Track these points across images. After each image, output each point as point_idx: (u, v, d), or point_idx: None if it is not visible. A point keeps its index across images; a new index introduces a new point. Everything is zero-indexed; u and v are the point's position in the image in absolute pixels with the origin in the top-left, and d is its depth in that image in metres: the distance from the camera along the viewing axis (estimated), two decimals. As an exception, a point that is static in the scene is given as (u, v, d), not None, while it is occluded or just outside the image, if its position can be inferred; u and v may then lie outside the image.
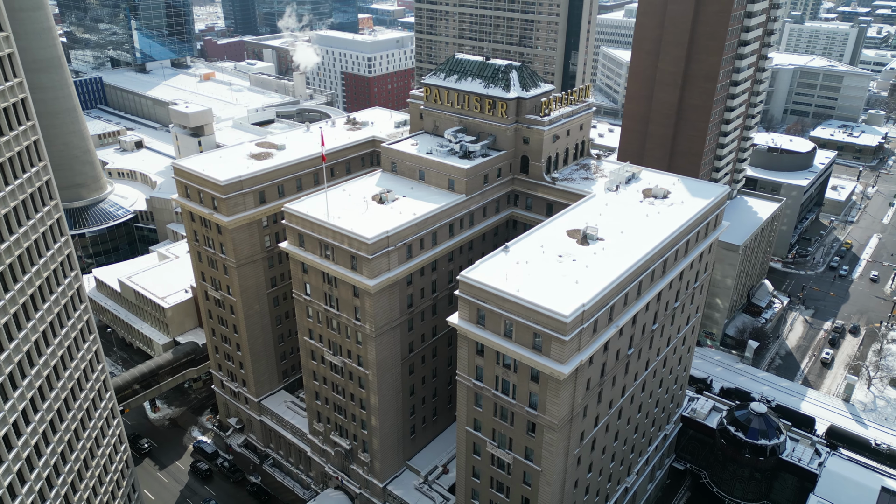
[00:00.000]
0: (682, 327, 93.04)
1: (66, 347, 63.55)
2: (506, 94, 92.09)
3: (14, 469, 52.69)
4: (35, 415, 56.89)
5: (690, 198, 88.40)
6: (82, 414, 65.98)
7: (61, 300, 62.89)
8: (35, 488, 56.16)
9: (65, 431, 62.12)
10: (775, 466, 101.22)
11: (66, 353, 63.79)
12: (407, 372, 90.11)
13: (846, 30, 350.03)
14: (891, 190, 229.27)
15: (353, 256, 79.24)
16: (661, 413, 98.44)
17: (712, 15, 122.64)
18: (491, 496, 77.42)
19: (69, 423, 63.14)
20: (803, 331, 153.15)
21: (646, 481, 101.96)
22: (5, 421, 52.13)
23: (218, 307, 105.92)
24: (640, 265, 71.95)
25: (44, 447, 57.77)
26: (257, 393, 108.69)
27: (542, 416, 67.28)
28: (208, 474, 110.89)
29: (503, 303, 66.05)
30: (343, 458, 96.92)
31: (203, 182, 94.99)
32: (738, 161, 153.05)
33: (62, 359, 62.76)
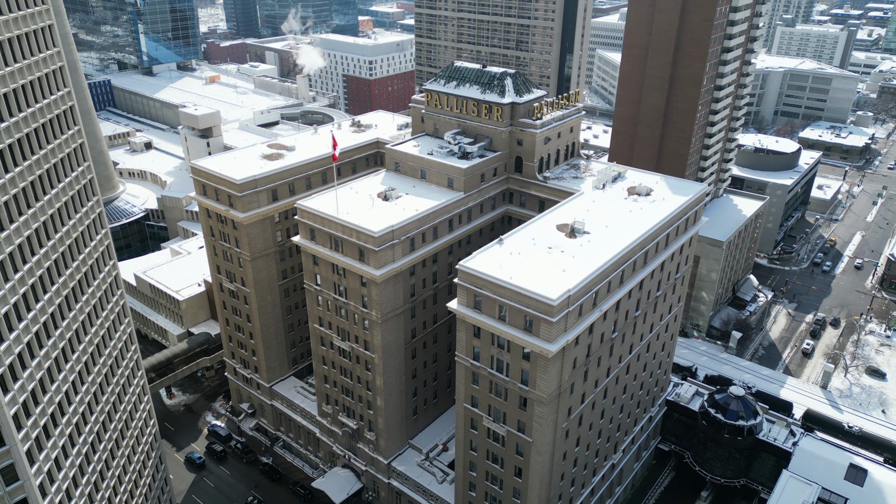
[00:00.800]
0: (664, 315, 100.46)
1: (105, 328, 70.84)
2: (501, 100, 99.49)
3: (66, 433, 59.81)
4: (82, 386, 64.03)
5: (671, 195, 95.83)
6: (119, 389, 73.15)
7: (102, 286, 70.12)
8: (82, 451, 63.28)
9: (105, 403, 69.22)
10: (752, 446, 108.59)
11: (107, 334, 71.07)
12: (410, 356, 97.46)
13: (836, 33, 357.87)
14: (875, 189, 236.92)
15: (361, 249, 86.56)
16: (646, 396, 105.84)
17: (696, 23, 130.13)
18: (487, 467, 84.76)
19: (108, 395, 70.29)
20: (786, 323, 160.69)
21: (632, 460, 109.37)
22: (59, 390, 59.20)
23: (232, 298, 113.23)
24: (622, 256, 79.33)
25: (89, 416, 64.88)
26: (269, 379, 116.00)
27: (533, 392, 74.66)
28: (223, 455, 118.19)
29: (497, 289, 73.43)
30: (350, 438, 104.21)
31: (220, 181, 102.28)
32: (723, 161, 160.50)
33: (103, 338, 70.00)
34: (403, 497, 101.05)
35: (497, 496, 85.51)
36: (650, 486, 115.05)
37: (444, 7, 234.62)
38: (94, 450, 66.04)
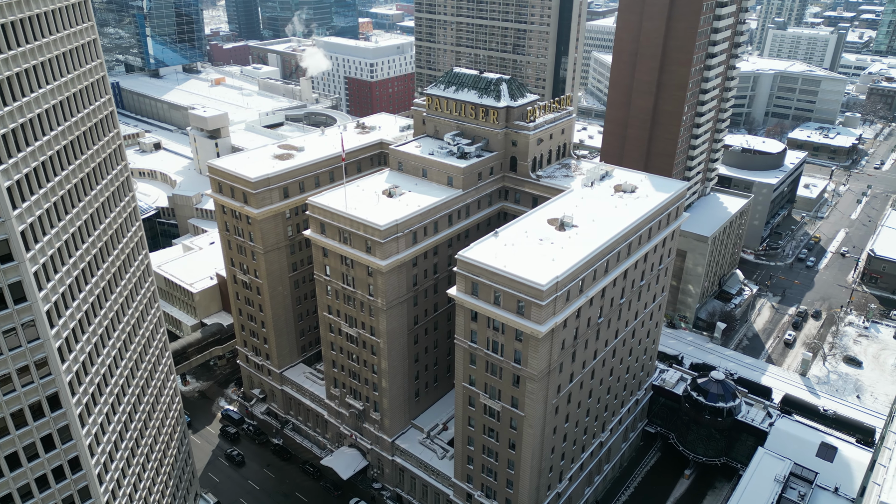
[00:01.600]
0: (648, 304, 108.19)
1: (140, 311, 78.34)
2: (497, 104, 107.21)
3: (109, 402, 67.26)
4: (120, 361, 71.50)
5: (654, 192, 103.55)
6: (150, 366, 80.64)
7: (136, 272, 77.62)
8: (122, 419, 70.74)
9: (139, 379, 76.64)
10: (732, 426, 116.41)
11: (140, 316, 78.61)
12: (412, 341, 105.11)
13: (826, 35, 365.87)
14: (861, 188, 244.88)
15: (368, 241, 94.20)
16: (633, 380, 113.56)
17: (681, 31, 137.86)
18: (484, 441, 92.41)
19: (142, 372, 77.77)
20: (770, 315, 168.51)
21: (619, 440, 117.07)
22: (103, 363, 66.56)
23: (245, 289, 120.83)
24: (606, 247, 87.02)
25: (122, 398, 72.30)
26: (279, 365, 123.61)
27: (525, 369, 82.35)
28: (236, 437, 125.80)
29: (493, 276, 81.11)
30: (356, 419, 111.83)
31: (235, 179, 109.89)
32: (710, 161, 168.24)
33: (138, 321, 77.50)
34: (406, 473, 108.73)
35: (493, 468, 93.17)
36: (637, 465, 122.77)
37: (443, 12, 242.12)
38: (130, 419, 73.51)
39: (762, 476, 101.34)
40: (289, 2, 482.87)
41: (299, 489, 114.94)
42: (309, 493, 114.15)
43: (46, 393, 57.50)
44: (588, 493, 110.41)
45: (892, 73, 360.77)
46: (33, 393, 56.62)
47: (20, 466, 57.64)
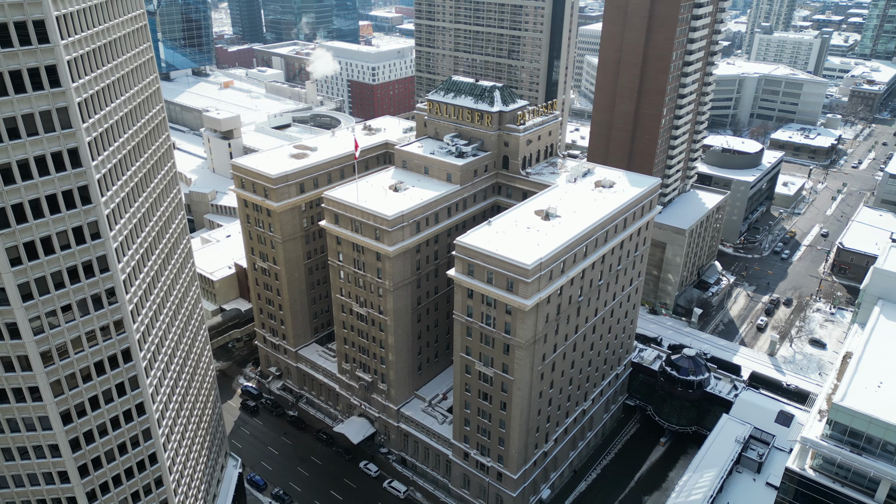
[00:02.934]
0: (626, 287, 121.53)
1: (185, 286, 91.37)
2: (490, 108, 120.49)
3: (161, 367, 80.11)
4: (169, 335, 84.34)
5: (630, 187, 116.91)
6: (190, 341, 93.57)
7: (182, 254, 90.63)
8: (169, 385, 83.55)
9: (184, 344, 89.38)
10: (702, 398, 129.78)
11: (185, 291, 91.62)
12: (416, 320, 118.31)
13: (810, 40, 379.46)
14: (837, 186, 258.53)
15: (377, 230, 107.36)
16: (612, 355, 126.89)
17: (659, 41, 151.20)
18: (479, 404, 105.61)
19: (186, 338, 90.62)
20: (745, 303, 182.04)
21: (601, 410, 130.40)
22: (159, 328, 79.32)
23: (265, 275, 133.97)
24: (584, 233, 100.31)
25: (173, 358, 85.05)
26: (295, 344, 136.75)
27: (514, 339, 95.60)
28: (255, 410, 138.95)
29: (486, 258, 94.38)
30: (365, 390, 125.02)
31: (257, 176, 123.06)
32: (689, 159, 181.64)
33: (183, 294, 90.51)
34: (410, 437, 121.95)
35: (487, 428, 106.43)
36: (618, 434, 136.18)
37: (442, 19, 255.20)
38: (178, 377, 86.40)
39: (725, 438, 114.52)
40: (291, 5, 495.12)
41: (314, 454, 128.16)
42: (323, 458, 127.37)
43: (121, 348, 70.40)
44: (572, 457, 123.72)
45: (874, 76, 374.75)
46: (112, 347, 69.54)
47: (99, 408, 70.61)
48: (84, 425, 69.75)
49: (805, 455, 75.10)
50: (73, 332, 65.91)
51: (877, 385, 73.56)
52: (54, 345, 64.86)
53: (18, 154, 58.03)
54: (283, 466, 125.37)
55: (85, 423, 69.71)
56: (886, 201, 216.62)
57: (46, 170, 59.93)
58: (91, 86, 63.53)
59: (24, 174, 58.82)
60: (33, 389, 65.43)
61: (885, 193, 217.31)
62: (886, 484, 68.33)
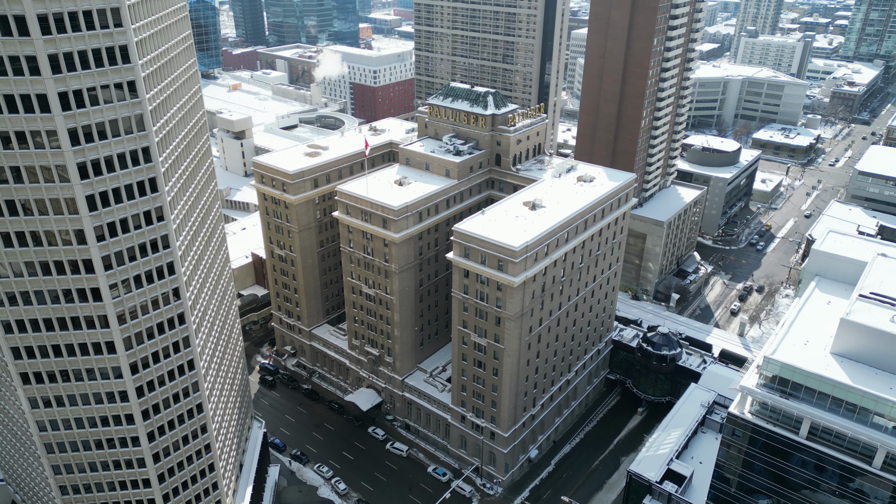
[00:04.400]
0: (605, 270, 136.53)
1: (220, 269, 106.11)
2: (484, 112, 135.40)
3: (204, 331, 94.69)
4: (209, 305, 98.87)
5: (608, 181, 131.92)
6: (224, 314, 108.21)
7: (217, 240, 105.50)
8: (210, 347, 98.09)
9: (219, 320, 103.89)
10: (674, 370, 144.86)
11: (220, 270, 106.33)
12: (418, 300, 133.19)
13: (794, 43, 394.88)
14: (813, 183, 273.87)
15: (384, 219, 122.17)
16: (594, 332, 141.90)
17: (638, 49, 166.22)
18: (474, 371, 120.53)
19: (220, 316, 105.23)
20: (721, 290, 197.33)
21: (584, 382, 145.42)
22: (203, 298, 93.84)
23: (282, 262, 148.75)
24: (565, 221, 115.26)
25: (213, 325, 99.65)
26: (309, 324, 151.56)
27: (504, 312, 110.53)
28: (273, 384, 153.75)
29: (480, 242, 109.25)
30: (373, 363, 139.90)
31: (276, 172, 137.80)
32: (668, 157, 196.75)
33: (219, 275, 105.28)
34: (413, 405, 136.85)
35: (481, 393, 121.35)
36: (599, 405, 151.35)
37: (440, 25, 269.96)
38: (217, 343, 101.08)
39: (691, 403, 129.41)
40: (293, 8, 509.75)
41: (327, 421, 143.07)
42: (335, 424, 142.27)
43: (177, 312, 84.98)
44: (558, 422, 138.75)
45: (856, 77, 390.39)
46: (170, 311, 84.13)
47: (159, 362, 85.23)
48: (147, 376, 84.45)
49: (745, 402, 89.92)
50: (142, 297, 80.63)
51: (804, 343, 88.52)
52: (127, 307, 79.57)
53: (105, 152, 72.69)
54: (299, 432, 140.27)
55: (148, 373, 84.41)
56: (856, 197, 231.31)
57: (126, 164, 74.62)
58: (157, 97, 78.26)
59: (109, 168, 73.50)
60: (109, 344, 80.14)
61: (854, 189, 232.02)
62: (807, 422, 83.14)
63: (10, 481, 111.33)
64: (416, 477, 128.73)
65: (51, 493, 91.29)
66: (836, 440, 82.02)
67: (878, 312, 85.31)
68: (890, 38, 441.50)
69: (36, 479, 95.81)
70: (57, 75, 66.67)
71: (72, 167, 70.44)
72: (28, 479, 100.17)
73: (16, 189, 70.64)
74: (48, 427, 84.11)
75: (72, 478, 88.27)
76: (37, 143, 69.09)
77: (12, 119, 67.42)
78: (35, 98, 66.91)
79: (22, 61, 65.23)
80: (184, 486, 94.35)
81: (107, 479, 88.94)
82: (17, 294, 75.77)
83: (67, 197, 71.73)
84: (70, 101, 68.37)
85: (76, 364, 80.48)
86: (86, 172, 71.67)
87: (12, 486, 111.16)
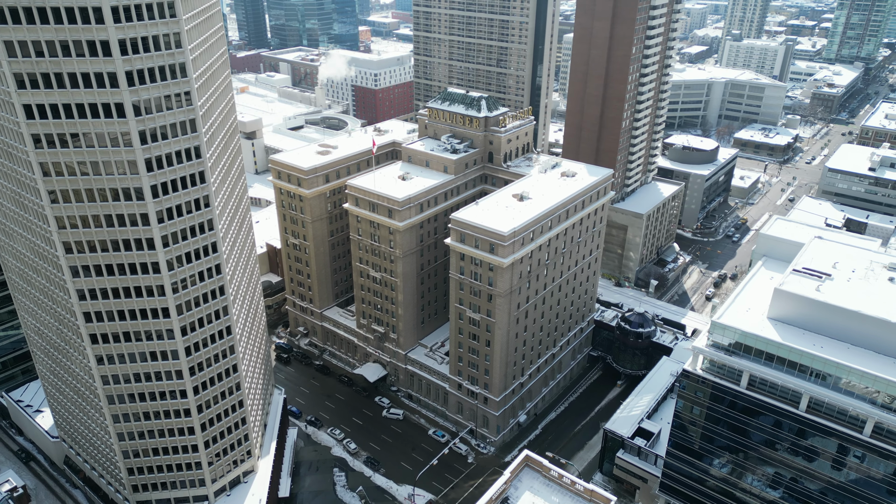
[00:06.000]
0: (585, 256, 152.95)
1: (248, 251, 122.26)
2: (478, 114, 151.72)
3: (237, 304, 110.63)
4: (242, 281, 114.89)
5: (588, 176, 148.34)
6: (252, 290, 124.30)
7: (246, 226, 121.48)
8: (242, 317, 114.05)
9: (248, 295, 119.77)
10: (649, 346, 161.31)
11: (249, 254, 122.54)
12: (420, 282, 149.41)
13: (776, 47, 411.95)
14: (789, 180, 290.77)
15: (390, 210, 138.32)
16: (576, 311, 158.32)
17: (619, 57, 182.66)
18: (469, 344, 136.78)
19: (248, 292, 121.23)
20: (697, 278, 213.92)
21: (569, 357, 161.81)
22: (238, 276, 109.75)
23: (296, 250, 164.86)
24: (549, 210, 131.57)
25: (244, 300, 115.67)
26: (320, 306, 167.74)
27: (495, 289, 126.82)
28: (287, 361, 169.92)
29: (475, 229, 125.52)
30: (379, 340, 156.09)
31: (292, 168, 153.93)
32: (649, 155, 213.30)
33: (248, 257, 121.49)
34: (416, 376, 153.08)
35: (475, 362, 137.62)
36: (582, 378, 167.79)
37: (438, 31, 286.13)
38: (246, 317, 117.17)
39: (662, 373, 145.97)
40: (295, 11, 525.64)
41: (337, 392, 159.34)
42: (345, 395, 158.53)
43: (219, 285, 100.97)
44: (545, 392, 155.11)
45: (836, 79, 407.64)
46: (213, 284, 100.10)
47: (203, 326, 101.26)
48: (194, 337, 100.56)
49: (697, 360, 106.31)
50: (191, 271, 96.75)
51: (746, 310, 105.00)
52: (179, 279, 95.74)
53: (164, 150, 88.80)
54: (313, 401, 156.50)
55: (194, 336, 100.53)
56: (826, 192, 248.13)
57: (181, 160, 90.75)
58: (205, 105, 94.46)
59: (168, 163, 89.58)
60: (164, 310, 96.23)
61: (825, 185, 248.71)
62: (747, 374, 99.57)
63: (64, 437, 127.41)
64: (418, 438, 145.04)
65: (109, 441, 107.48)
66: (771, 389, 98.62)
67: (807, 283, 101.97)
68: (870, 41, 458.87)
69: (94, 430, 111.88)
70: (131, 87, 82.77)
71: (140, 162, 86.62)
72: (85, 432, 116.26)
73: (94, 180, 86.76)
74: (110, 381, 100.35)
75: (128, 426, 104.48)
76: (113, 142, 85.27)
77: (94, 123, 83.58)
78: (114, 107, 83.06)
79: (105, 77, 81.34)
80: (220, 435, 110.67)
81: (158, 427, 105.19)
82: (90, 266, 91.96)
83: (136, 186, 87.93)
84: (141, 108, 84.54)
85: (136, 327, 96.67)
86: (151, 166, 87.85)
87: (67, 441, 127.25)
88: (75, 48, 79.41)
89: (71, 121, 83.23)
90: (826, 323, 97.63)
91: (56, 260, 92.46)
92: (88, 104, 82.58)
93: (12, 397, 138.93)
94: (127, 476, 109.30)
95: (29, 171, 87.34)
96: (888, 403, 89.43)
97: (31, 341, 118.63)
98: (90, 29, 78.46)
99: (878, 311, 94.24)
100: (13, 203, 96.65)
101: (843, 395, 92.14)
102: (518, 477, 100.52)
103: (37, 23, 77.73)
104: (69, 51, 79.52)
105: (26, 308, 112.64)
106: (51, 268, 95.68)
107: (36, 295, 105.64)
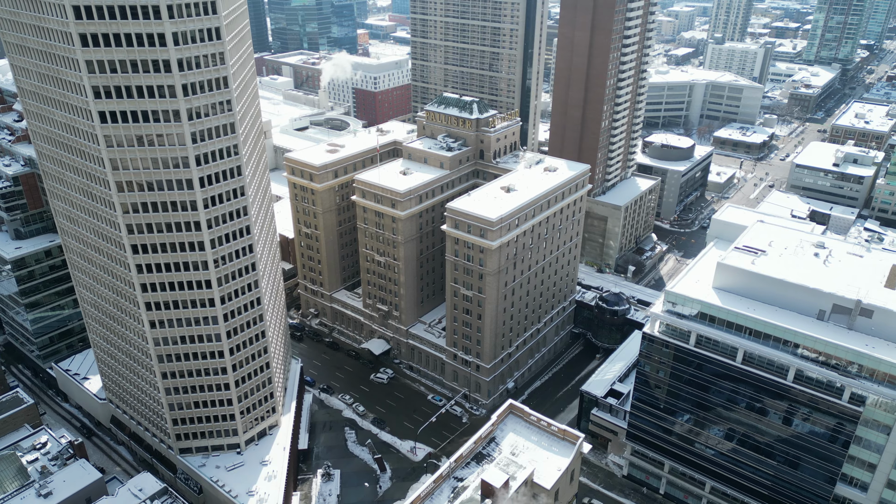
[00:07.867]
0: (566, 241, 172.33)
1: (270, 235, 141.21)
2: (470, 116, 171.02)
3: (265, 279, 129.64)
4: (268, 262, 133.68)
5: (568, 171, 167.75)
6: (274, 270, 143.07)
7: (269, 213, 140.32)
8: (268, 292, 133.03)
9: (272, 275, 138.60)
10: (624, 322, 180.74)
11: (271, 238, 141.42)
12: (419, 265, 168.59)
13: (756, 49, 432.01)
14: (762, 175, 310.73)
15: (393, 201, 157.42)
16: (559, 291, 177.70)
17: (598, 64, 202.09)
18: (463, 318, 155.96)
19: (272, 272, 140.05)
20: (673, 265, 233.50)
21: (552, 332, 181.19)
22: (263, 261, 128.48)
23: (308, 238, 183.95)
24: (532, 200, 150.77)
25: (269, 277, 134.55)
26: (329, 289, 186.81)
27: (485, 269, 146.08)
28: (300, 338, 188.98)
29: (467, 216, 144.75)
30: (383, 318, 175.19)
31: (305, 165, 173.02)
32: (628, 153, 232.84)
33: (271, 241, 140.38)
34: (416, 349, 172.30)
35: (468, 334, 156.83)
36: (565, 352, 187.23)
37: (434, 37, 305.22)
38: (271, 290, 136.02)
39: (633, 344, 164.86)
40: (295, 15, 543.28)
41: (346, 365, 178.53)
42: (353, 367, 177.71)
43: (251, 262, 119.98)
44: (531, 363, 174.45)
45: (813, 80, 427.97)
46: (246, 261, 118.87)
47: (238, 297, 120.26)
48: (231, 305, 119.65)
49: (654, 324, 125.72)
50: (229, 249, 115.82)
51: (695, 282, 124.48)
52: (220, 255, 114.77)
53: (210, 148, 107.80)
54: (325, 372, 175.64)
55: (231, 304, 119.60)
56: (794, 186, 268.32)
57: (223, 156, 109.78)
58: (240, 110, 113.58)
59: (213, 159, 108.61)
60: (207, 282, 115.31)
61: (793, 180, 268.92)
62: (694, 334, 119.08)
63: (112, 398, 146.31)
64: (419, 403, 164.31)
65: (157, 396, 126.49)
66: (714, 346, 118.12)
67: (745, 258, 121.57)
68: (847, 43, 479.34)
69: (144, 388, 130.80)
70: (185, 97, 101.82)
71: (191, 157, 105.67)
72: (134, 391, 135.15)
73: (154, 172, 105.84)
74: (160, 343, 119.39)
75: (174, 382, 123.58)
76: (170, 142, 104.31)
77: (156, 126, 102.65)
78: (171, 112, 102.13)
79: (165, 89, 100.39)
80: (251, 391, 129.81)
81: (199, 383, 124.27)
82: (147, 245, 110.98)
83: (187, 178, 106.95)
84: (193, 114, 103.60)
85: (184, 296, 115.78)
86: (199, 161, 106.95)
87: (114, 402, 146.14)
88: (142, 66, 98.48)
89: (137, 124, 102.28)
90: (759, 290, 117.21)
91: (119, 239, 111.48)
92: (151, 111, 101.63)
93: (61, 367, 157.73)
94: (172, 427, 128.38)
95: (100, 166, 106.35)
96: (806, 354, 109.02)
97: (86, 313, 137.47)
98: (155, 50, 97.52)
99: (800, 280, 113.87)
100: (81, 193, 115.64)
101: (769, 347, 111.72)
102: (504, 421, 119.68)
103: (112, 45, 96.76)
104: (137, 67, 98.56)
105: (85, 284, 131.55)
106: (113, 247, 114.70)
107: (96, 272, 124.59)
